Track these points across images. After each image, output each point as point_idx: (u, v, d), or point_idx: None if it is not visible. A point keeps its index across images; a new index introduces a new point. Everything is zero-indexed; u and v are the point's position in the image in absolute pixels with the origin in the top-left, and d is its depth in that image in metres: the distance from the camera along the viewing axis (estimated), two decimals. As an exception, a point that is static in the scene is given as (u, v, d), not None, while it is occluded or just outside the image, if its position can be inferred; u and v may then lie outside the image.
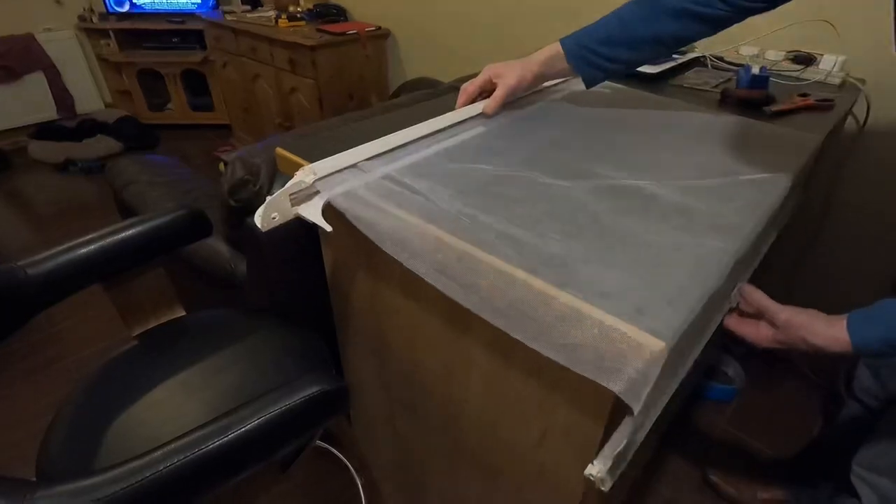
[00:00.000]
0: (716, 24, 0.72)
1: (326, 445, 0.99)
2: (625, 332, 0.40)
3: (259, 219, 0.55)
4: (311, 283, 0.87)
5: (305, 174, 0.58)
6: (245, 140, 2.84)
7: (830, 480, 1.02)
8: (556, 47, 0.77)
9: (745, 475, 1.16)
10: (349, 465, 0.95)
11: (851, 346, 0.54)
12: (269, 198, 0.55)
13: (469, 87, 0.80)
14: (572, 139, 0.74)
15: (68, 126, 2.79)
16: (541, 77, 0.80)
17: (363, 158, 0.63)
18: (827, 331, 0.55)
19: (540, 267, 0.46)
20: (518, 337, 0.44)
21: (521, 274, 0.46)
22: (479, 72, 0.81)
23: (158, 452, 0.43)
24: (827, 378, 1.45)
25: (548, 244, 0.50)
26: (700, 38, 0.75)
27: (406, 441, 0.88)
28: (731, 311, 0.64)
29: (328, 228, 0.56)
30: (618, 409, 0.48)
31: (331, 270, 0.81)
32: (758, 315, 0.62)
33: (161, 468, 0.42)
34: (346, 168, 0.61)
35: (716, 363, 1.45)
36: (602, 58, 0.76)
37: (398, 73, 2.36)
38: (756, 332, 0.61)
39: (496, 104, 0.77)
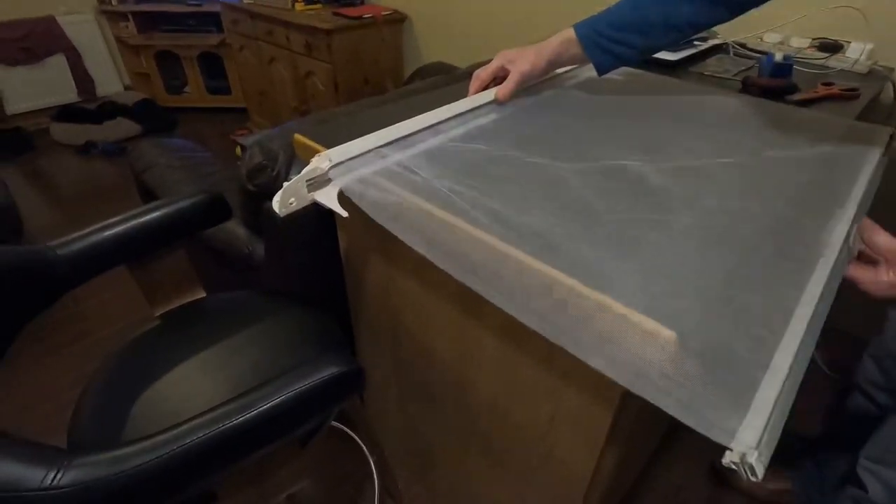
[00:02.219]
0: (731, 9, 0.68)
1: (341, 426, 1.02)
2: (640, 324, 0.41)
3: (277, 204, 0.57)
4: (326, 267, 0.89)
5: (321, 160, 0.59)
6: (261, 124, 2.85)
7: (837, 471, 1.03)
8: (569, 32, 0.76)
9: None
10: (362, 445, 0.98)
11: None
12: (286, 184, 0.56)
13: (482, 74, 0.79)
14: (584, 124, 0.74)
15: (89, 108, 2.83)
16: (554, 63, 0.79)
17: (377, 145, 0.64)
18: None
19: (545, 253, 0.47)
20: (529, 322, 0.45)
21: (556, 275, 0.45)
22: (495, 58, 0.81)
23: (185, 426, 0.45)
24: (840, 371, 1.44)
25: (579, 245, 0.50)
26: (716, 24, 0.72)
27: (417, 422, 0.90)
28: (850, 260, 0.54)
29: (344, 214, 0.58)
30: (628, 396, 0.48)
31: (346, 254, 0.82)
32: (875, 259, 0.53)
33: (188, 441, 0.44)
34: (360, 154, 0.62)
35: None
36: (614, 43, 0.74)
37: (414, 57, 2.35)
38: (874, 279, 0.53)
39: (509, 91, 0.77)
